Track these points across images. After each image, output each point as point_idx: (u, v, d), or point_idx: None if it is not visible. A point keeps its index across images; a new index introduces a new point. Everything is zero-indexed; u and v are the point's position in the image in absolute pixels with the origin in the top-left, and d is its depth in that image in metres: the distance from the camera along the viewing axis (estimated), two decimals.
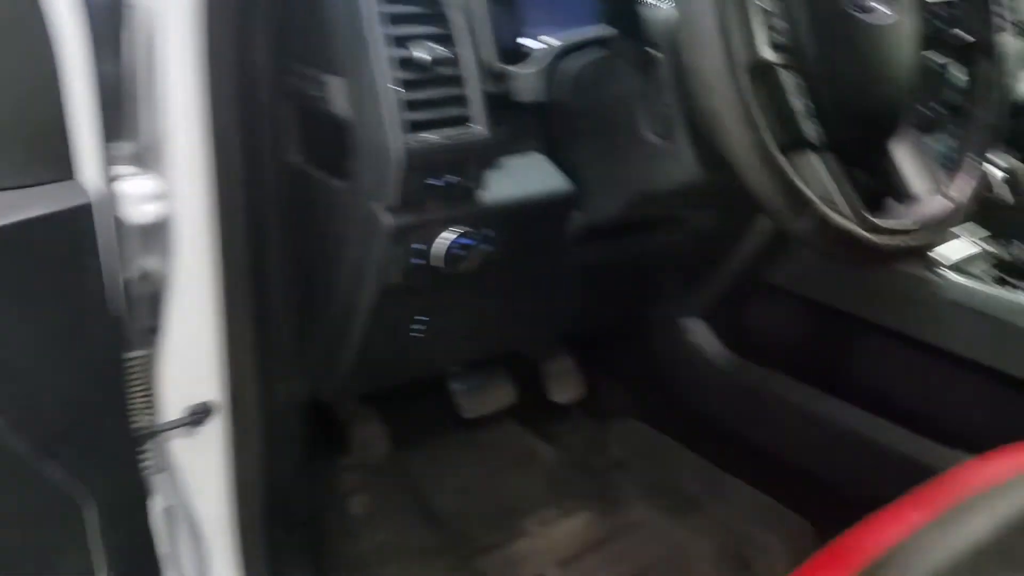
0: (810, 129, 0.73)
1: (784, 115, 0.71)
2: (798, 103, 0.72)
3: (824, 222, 0.71)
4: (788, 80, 0.71)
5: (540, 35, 0.93)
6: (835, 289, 1.21)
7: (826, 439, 1.24)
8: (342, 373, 1.03)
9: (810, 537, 1.28)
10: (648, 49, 0.80)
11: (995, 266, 1.13)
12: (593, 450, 1.51)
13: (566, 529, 1.36)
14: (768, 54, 0.69)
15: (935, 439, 1.12)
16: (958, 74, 0.89)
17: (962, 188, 0.83)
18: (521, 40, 0.92)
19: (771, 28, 0.70)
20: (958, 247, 1.14)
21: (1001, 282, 1.12)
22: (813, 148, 0.73)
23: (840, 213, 0.72)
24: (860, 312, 1.19)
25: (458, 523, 1.36)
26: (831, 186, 0.73)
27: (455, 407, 1.44)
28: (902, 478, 1.11)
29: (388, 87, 0.77)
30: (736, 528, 1.33)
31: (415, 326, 0.99)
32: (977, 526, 0.78)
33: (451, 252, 0.83)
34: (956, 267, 1.12)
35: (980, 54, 0.88)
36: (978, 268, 1.15)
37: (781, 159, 0.69)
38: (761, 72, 0.69)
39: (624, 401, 1.52)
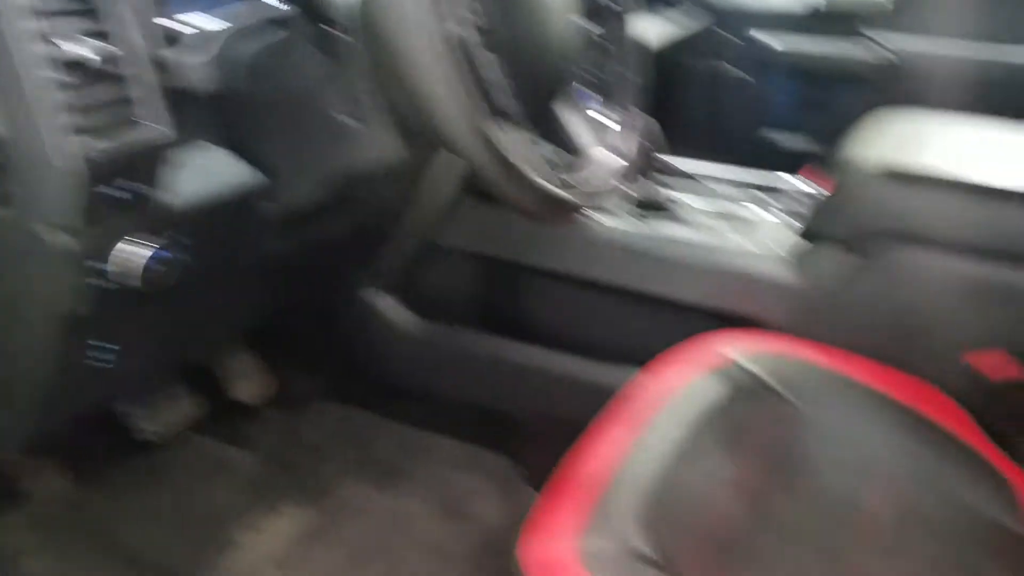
0: (504, 100, 0.77)
1: (483, 89, 0.74)
2: (493, 76, 0.75)
3: (531, 187, 0.76)
4: (482, 55, 0.74)
5: (187, 15, 0.85)
6: (505, 243, 1.30)
7: (515, 381, 1.34)
8: (9, 423, 0.88)
9: (518, 474, 1.38)
10: (330, 29, 0.78)
11: (634, 203, 1.30)
12: (289, 443, 1.46)
13: (277, 529, 1.31)
14: (464, 31, 0.71)
15: (608, 361, 1.27)
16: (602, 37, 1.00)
17: (627, 141, 0.94)
18: (168, 22, 0.84)
19: (465, 5, 0.72)
20: None
21: (637, 215, 1.28)
22: (509, 118, 0.78)
23: (544, 177, 0.77)
24: (530, 261, 1.29)
25: (154, 554, 1.25)
26: (530, 152, 0.78)
27: (130, 432, 1.30)
28: (587, 401, 1.24)
29: (42, 92, 0.66)
30: (446, 482, 1.39)
31: (97, 355, 0.88)
32: (674, 432, 0.92)
33: (149, 269, 0.75)
34: (603, 209, 1.27)
35: (611, 14, 0.99)
36: (618, 205, 1.31)
37: (492, 132, 0.72)
38: (460, 48, 0.71)
39: (317, 387, 1.49)
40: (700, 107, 2.10)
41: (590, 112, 0.96)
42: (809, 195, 1.30)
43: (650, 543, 0.76)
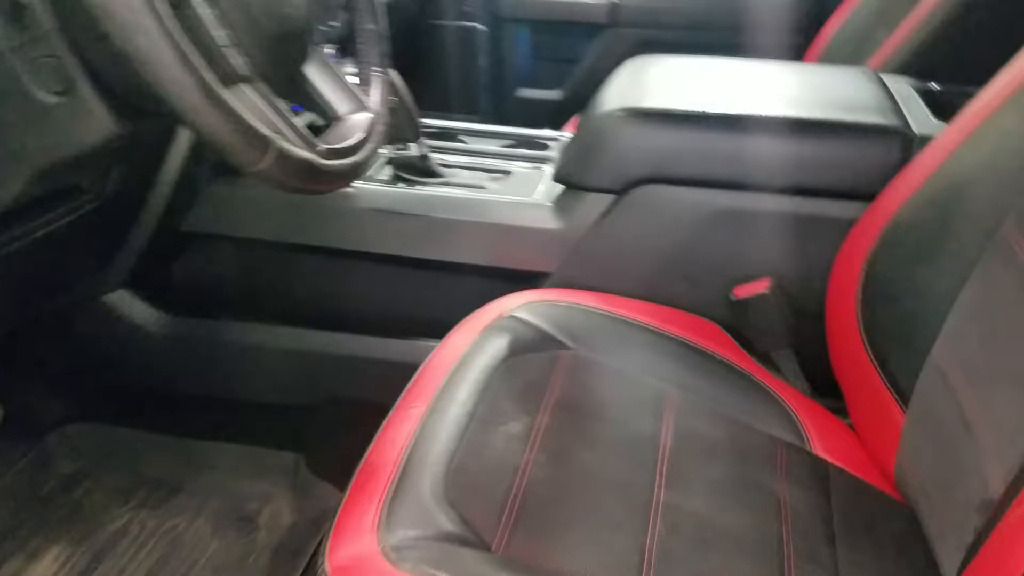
0: (237, 60, 0.68)
1: (210, 49, 0.65)
2: (220, 34, 0.66)
3: (284, 157, 0.68)
4: (205, 11, 0.65)
5: None
6: (259, 222, 1.20)
7: (295, 370, 1.25)
8: None
9: (306, 470, 1.29)
10: None
11: (396, 167, 1.24)
12: (39, 475, 1.28)
13: (39, 572, 1.15)
14: None
15: (398, 336, 1.22)
16: None
17: (376, 98, 0.88)
18: None
19: None
20: None
21: (399, 179, 1.23)
22: (245, 80, 0.69)
23: (295, 144, 0.70)
24: (290, 238, 1.20)
25: None
26: (275, 118, 0.70)
27: None
28: (379, 382, 1.18)
29: None
30: (231, 492, 1.28)
31: None
32: (461, 397, 0.88)
33: None
34: (363, 175, 1.20)
35: None
36: (380, 172, 1.25)
37: (228, 97, 0.63)
38: (178, 5, 0.61)
39: (61, 406, 1.31)
40: (457, 66, 2.07)
41: (343, 74, 0.88)
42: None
43: (454, 519, 0.73)
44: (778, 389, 1.02)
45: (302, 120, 0.84)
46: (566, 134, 1.36)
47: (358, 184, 1.18)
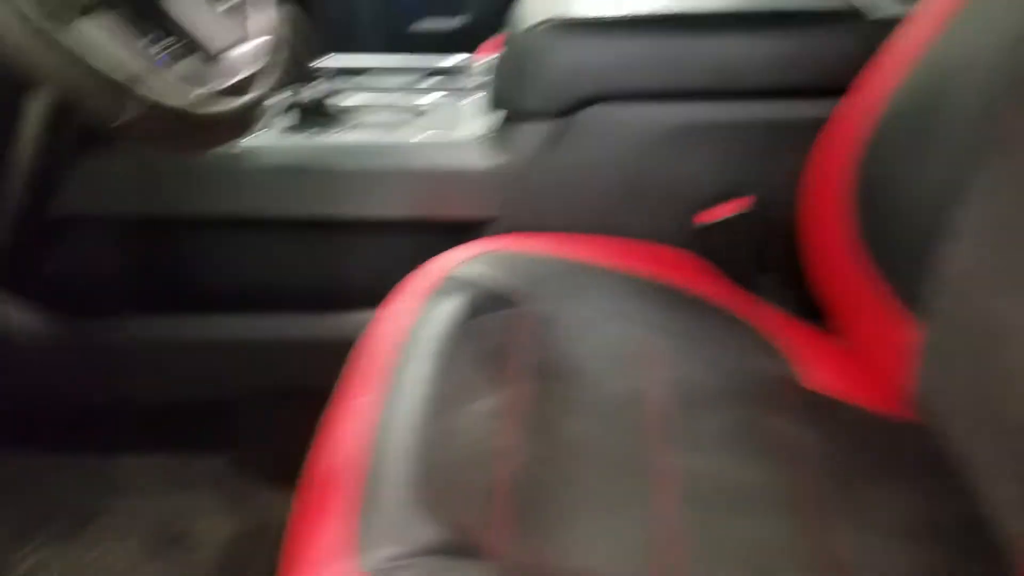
0: None
1: None
2: None
3: (152, 106, 0.53)
4: None
5: None
6: (139, 196, 1.03)
7: (205, 362, 1.10)
8: None
9: (238, 474, 1.15)
10: None
11: (296, 116, 1.07)
12: None
13: None
14: None
15: (319, 310, 1.07)
16: None
17: (261, 27, 0.72)
18: None
19: None
20: None
21: (301, 130, 1.07)
22: (88, 10, 0.53)
23: (163, 90, 0.54)
24: (183, 211, 1.04)
25: None
26: (132, 58, 0.54)
27: None
28: (315, 363, 1.04)
29: None
30: (157, 508, 1.13)
31: None
32: (420, 376, 0.76)
33: None
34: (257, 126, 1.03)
35: None
36: (278, 123, 1.08)
37: (66, 34, 0.47)
38: None
39: None
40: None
41: (221, 7, 0.72)
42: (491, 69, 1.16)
43: (440, 527, 0.61)
44: (758, 319, 0.92)
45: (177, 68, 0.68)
46: (483, 58, 1.22)
47: (255, 139, 1.02)
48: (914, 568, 0.64)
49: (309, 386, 0.83)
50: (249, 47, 0.71)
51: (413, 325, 0.82)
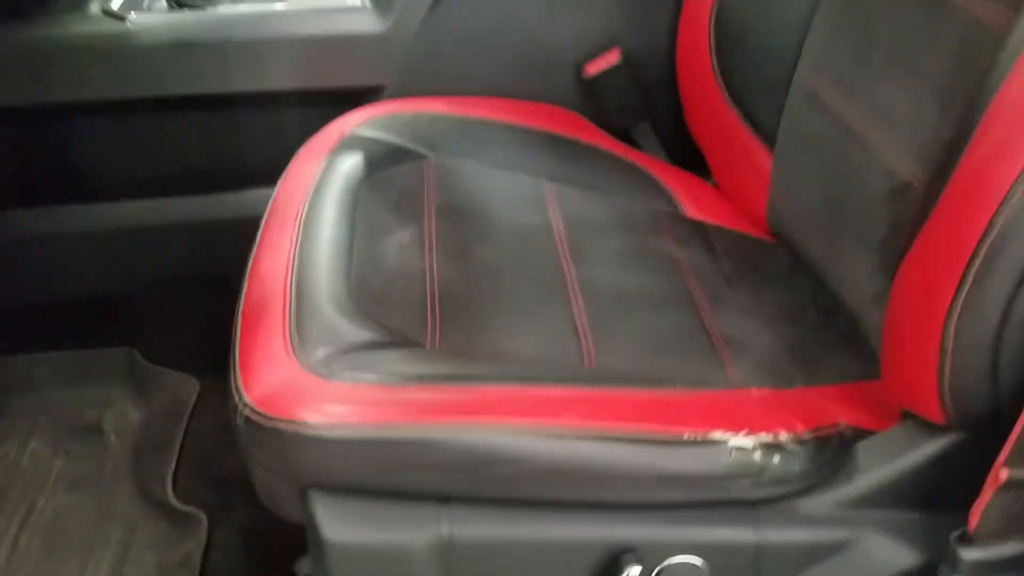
0: None
1: None
2: None
3: None
4: None
5: None
6: (9, 82, 1.00)
7: (99, 253, 1.09)
8: None
9: (143, 362, 1.16)
10: None
11: None
12: None
13: None
14: None
15: (213, 191, 1.09)
16: None
17: None
18: None
19: None
20: None
21: (177, 5, 1.06)
22: None
23: None
24: (61, 96, 1.01)
25: None
26: None
27: None
28: (203, 248, 1.05)
29: None
30: (59, 404, 1.12)
31: None
32: (331, 217, 0.81)
33: None
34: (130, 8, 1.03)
35: None
36: (153, 4, 1.08)
37: None
38: None
39: None
40: None
41: None
42: None
43: (375, 328, 0.67)
44: (644, 163, 1.02)
45: None
46: None
47: (131, 17, 1.01)
48: (782, 342, 0.76)
49: (212, 270, 0.85)
50: None
51: (319, 178, 0.86)
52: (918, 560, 0.64)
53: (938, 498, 0.64)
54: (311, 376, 0.62)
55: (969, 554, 0.59)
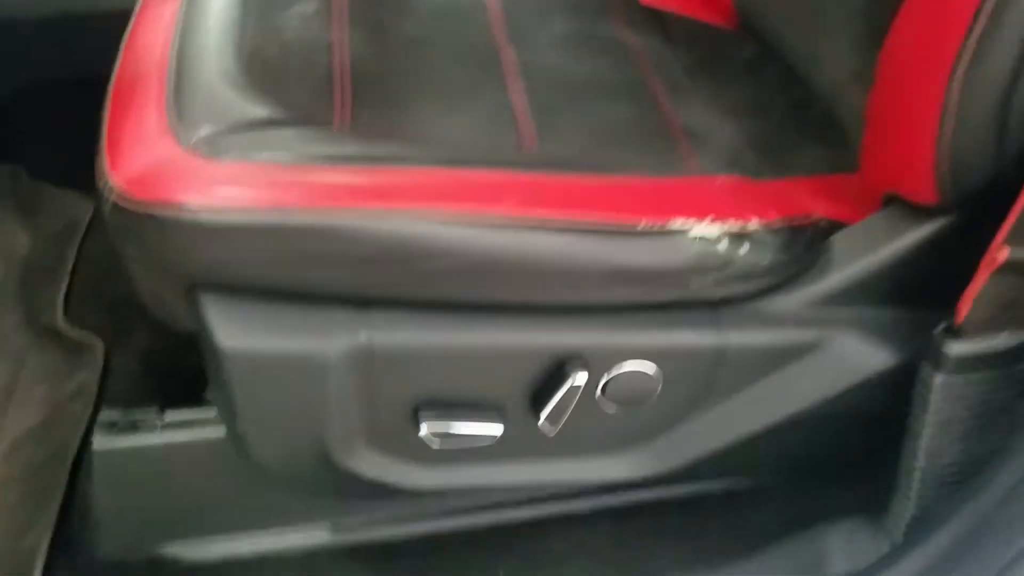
0: None
1: None
2: None
3: None
4: None
5: None
6: None
7: None
8: None
9: (28, 179, 1.03)
10: None
11: None
12: None
13: None
14: None
15: None
16: None
17: None
18: None
19: None
20: None
21: None
22: None
23: None
24: None
25: None
26: None
27: None
28: (79, 45, 0.91)
29: None
30: None
31: None
32: None
33: None
34: None
35: None
36: None
37: None
38: None
39: None
40: None
41: None
42: None
43: (271, 103, 0.56)
44: None
45: None
46: None
47: None
48: (749, 134, 0.68)
49: (88, 71, 0.72)
50: None
51: None
52: (894, 360, 0.59)
53: (920, 292, 0.58)
54: (192, 155, 0.52)
55: (955, 348, 0.53)
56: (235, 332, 0.52)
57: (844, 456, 0.66)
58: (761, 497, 0.72)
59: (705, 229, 0.54)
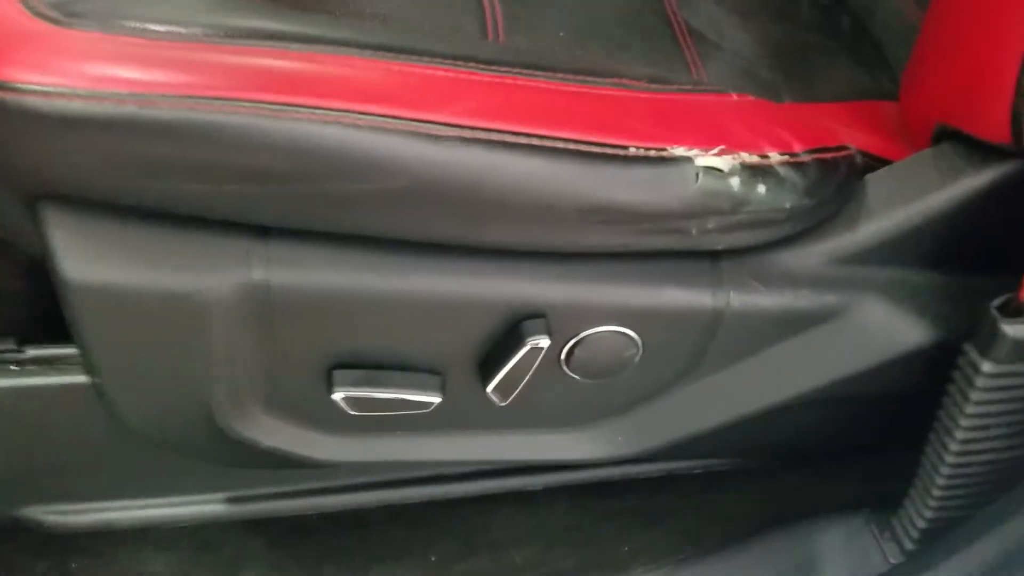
0: None
1: None
2: None
3: None
4: None
5: None
6: None
7: None
8: None
9: None
10: None
11: None
12: None
13: None
14: None
15: None
16: None
17: None
18: None
19: None
20: None
21: None
22: None
23: None
24: None
25: None
26: None
27: None
28: None
29: None
30: None
31: None
32: None
33: None
34: None
35: None
36: None
37: None
38: None
39: None
40: None
41: None
42: None
43: None
44: None
45: None
46: None
47: None
48: (768, 44, 0.56)
49: None
50: None
51: None
52: (931, 337, 0.48)
53: (972, 255, 0.47)
54: (34, 20, 0.38)
55: (1013, 330, 0.42)
56: (86, 260, 0.40)
57: (849, 444, 0.56)
58: (744, 481, 0.62)
59: (714, 159, 0.42)
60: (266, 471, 0.54)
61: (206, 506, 0.56)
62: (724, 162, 0.42)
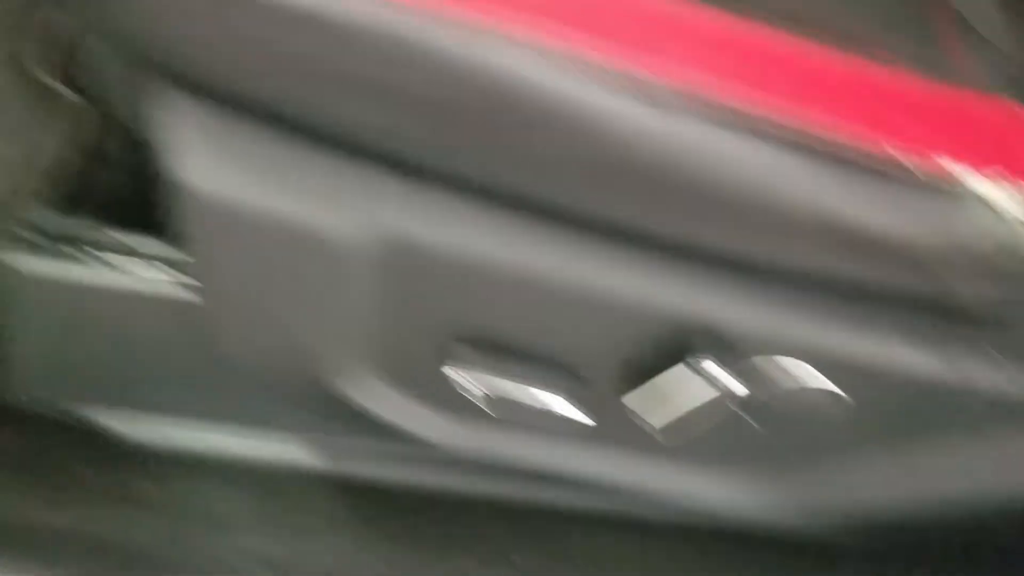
0: None
1: None
2: None
3: None
4: None
5: None
6: None
7: None
8: None
9: None
10: None
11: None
12: None
13: None
14: None
15: None
16: None
17: None
18: None
19: None
20: None
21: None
22: None
23: None
24: None
25: None
26: None
27: None
28: None
29: None
30: None
31: None
32: None
33: None
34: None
35: None
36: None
37: None
38: None
39: None
40: None
41: None
42: None
43: None
44: None
45: None
46: None
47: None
48: None
49: None
50: None
51: None
52: None
53: None
54: None
55: None
56: (206, 165, 0.33)
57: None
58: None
59: (987, 187, 0.33)
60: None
61: (287, 447, 0.50)
62: (1001, 193, 0.33)
